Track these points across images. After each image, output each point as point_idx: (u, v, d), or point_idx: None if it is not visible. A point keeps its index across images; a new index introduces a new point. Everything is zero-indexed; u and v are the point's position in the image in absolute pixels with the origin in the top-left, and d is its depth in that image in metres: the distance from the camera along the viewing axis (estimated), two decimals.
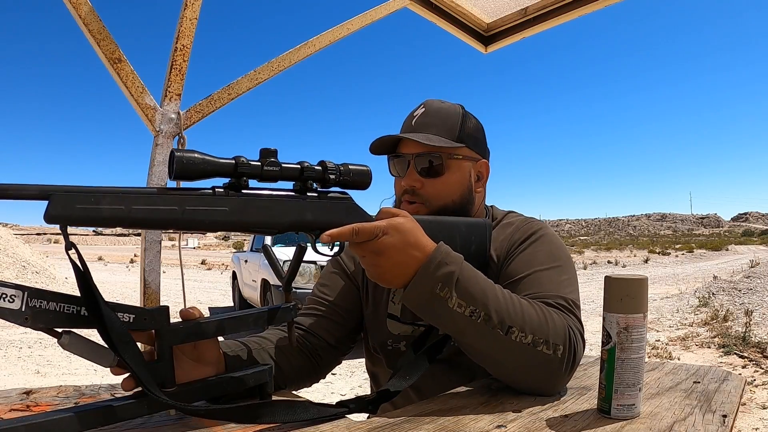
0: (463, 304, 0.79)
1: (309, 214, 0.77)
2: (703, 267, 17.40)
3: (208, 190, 0.70)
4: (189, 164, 0.66)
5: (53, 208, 0.58)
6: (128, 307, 0.68)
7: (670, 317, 7.51)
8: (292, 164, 0.76)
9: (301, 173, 0.76)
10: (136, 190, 0.64)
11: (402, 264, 0.79)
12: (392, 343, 1.07)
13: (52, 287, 9.54)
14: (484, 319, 0.79)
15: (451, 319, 0.80)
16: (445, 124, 1.04)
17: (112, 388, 0.95)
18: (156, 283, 1.84)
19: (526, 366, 0.81)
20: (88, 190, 0.61)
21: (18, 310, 0.58)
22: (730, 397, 0.84)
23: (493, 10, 2.54)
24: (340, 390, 4.33)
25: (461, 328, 0.80)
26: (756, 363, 4.69)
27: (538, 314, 0.82)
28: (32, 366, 5.01)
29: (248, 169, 0.71)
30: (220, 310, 8.98)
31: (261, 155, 0.73)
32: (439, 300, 0.79)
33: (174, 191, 0.67)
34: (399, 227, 0.79)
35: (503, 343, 0.79)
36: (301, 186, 0.77)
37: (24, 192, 0.58)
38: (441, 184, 1.02)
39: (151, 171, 1.79)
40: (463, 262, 0.82)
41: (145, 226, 0.66)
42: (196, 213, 0.67)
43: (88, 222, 0.61)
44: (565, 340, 0.81)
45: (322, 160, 0.79)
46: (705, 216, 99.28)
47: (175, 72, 1.80)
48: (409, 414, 0.77)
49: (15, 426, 0.58)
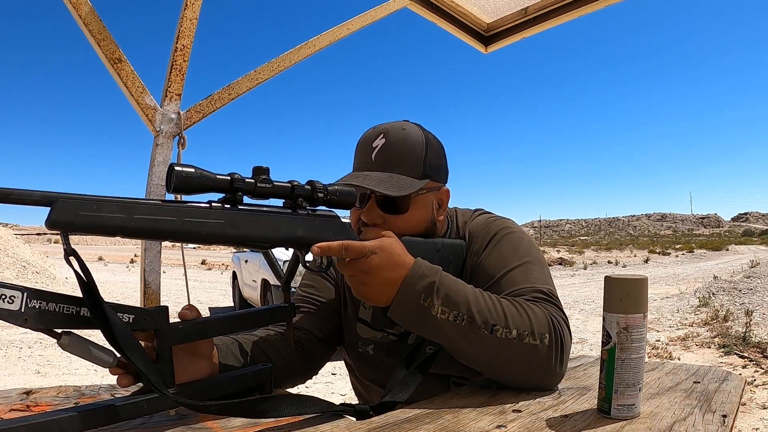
0: (446, 310, 0.82)
1: (300, 230, 0.80)
2: (703, 267, 17.41)
3: (204, 204, 0.72)
4: (187, 178, 0.68)
5: (55, 214, 0.59)
6: (128, 307, 0.68)
7: (670, 317, 7.51)
8: (283, 183, 0.79)
9: (292, 191, 0.79)
10: (136, 200, 0.66)
11: (388, 282, 0.82)
12: (361, 345, 1.09)
13: (53, 287, 9.54)
14: (468, 322, 0.81)
15: (437, 326, 0.83)
16: (409, 159, 0.97)
17: (112, 388, 0.95)
18: (156, 283, 1.84)
19: (516, 361, 0.83)
20: (91, 198, 0.62)
21: (17, 311, 0.58)
22: (730, 397, 0.84)
23: (493, 10, 2.54)
24: (340, 390, 4.33)
25: (448, 333, 0.83)
26: (756, 363, 4.69)
27: (518, 309, 0.84)
28: (32, 366, 5.01)
29: (242, 185, 0.74)
30: (220, 309, 8.98)
31: (254, 173, 0.76)
32: (423, 309, 0.82)
33: (173, 203, 0.69)
34: (387, 248, 0.82)
35: (490, 342, 0.81)
36: (292, 203, 0.80)
37: (27, 198, 0.58)
38: (404, 221, 0.98)
39: (151, 171, 1.79)
40: (441, 272, 0.85)
41: (145, 236, 0.68)
42: (194, 225, 0.69)
43: (90, 230, 0.62)
44: (549, 328, 0.83)
45: (310, 180, 0.82)
46: (705, 216, 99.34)
47: (175, 72, 1.80)
48: (409, 414, 0.77)
49: (15, 426, 0.58)
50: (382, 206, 0.98)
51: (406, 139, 0.98)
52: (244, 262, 8.16)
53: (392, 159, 0.97)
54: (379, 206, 0.98)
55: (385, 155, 0.97)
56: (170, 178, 0.68)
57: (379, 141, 0.98)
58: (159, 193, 1.84)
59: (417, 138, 0.99)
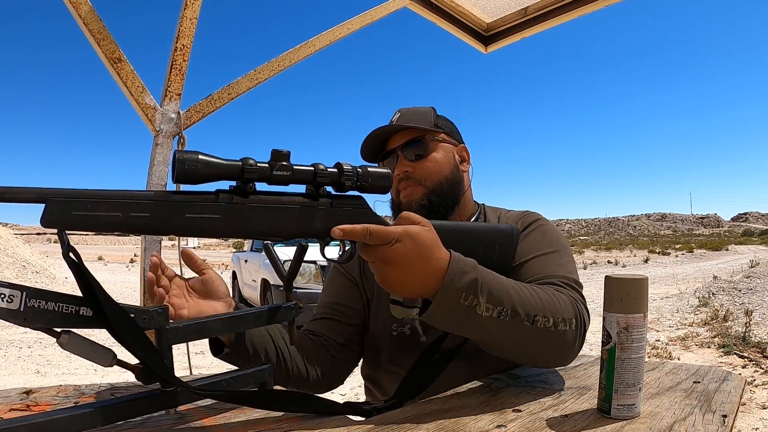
0: (491, 307, 0.78)
1: (318, 222, 0.73)
2: (703, 267, 17.40)
3: (211, 194, 0.67)
4: (191, 167, 0.63)
5: (49, 213, 0.58)
6: (128, 306, 0.68)
7: (670, 317, 7.51)
8: (305, 167, 0.71)
9: (315, 177, 0.72)
10: (133, 194, 0.62)
11: (413, 276, 0.75)
12: (397, 327, 1.09)
13: (52, 287, 9.54)
14: (511, 316, 0.79)
15: (481, 325, 0.78)
16: (422, 118, 1.14)
17: (112, 387, 0.95)
18: None
19: (551, 347, 0.84)
20: (86, 194, 0.60)
21: (17, 310, 0.58)
22: (730, 397, 0.84)
23: (493, 10, 2.54)
24: (340, 390, 4.34)
25: (491, 330, 0.79)
26: (756, 363, 4.69)
27: (550, 297, 0.85)
28: (32, 366, 5.01)
29: (255, 172, 0.67)
30: None
31: (272, 157, 0.69)
32: (466, 309, 0.77)
33: (175, 195, 0.65)
34: (414, 236, 0.74)
35: (531, 333, 0.81)
36: (313, 190, 0.73)
37: (20, 195, 0.57)
38: (430, 164, 1.11)
39: (151, 171, 1.79)
40: (478, 266, 0.80)
41: (144, 233, 0.64)
42: (196, 220, 0.65)
43: (85, 228, 0.60)
44: (575, 313, 0.86)
45: (338, 162, 0.74)
46: (705, 216, 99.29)
47: (175, 72, 1.80)
48: (409, 414, 0.77)
49: (15, 426, 0.58)
50: (408, 157, 1.12)
51: (418, 108, 1.17)
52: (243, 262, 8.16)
53: (406, 119, 1.14)
54: (406, 158, 1.12)
55: (401, 120, 1.14)
56: (174, 166, 0.63)
57: (396, 116, 1.16)
58: None
59: (426, 108, 1.18)
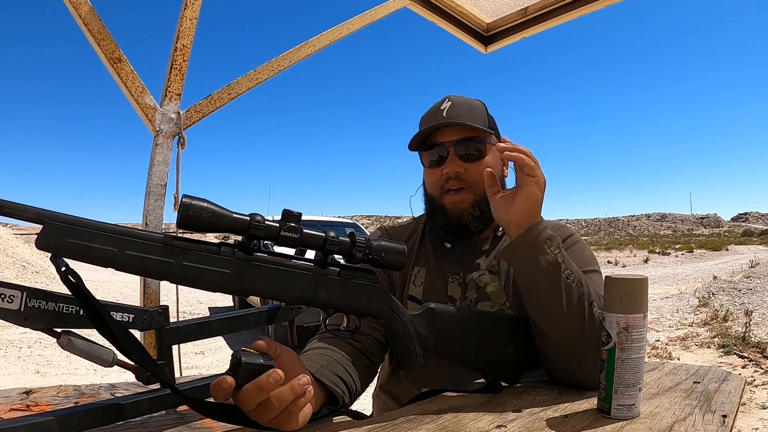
0: (564, 267, 0.83)
1: (323, 292, 0.70)
2: (702, 267, 17.40)
3: (214, 245, 0.64)
4: (195, 216, 0.61)
5: (44, 236, 0.56)
6: (128, 306, 0.68)
7: (670, 317, 7.51)
8: (316, 233, 0.69)
9: (325, 243, 0.69)
10: (134, 232, 0.60)
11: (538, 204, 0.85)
12: None
13: (52, 287, 9.52)
14: (577, 284, 0.83)
15: (552, 270, 0.82)
16: (476, 113, 1.07)
17: (112, 387, 0.95)
18: (156, 283, 1.84)
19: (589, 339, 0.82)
20: (84, 224, 0.57)
21: (17, 311, 0.58)
22: (730, 397, 0.84)
23: (493, 10, 2.54)
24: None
25: (555, 284, 0.82)
26: (756, 363, 4.69)
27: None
28: (32, 366, 5.01)
29: (262, 230, 0.64)
30: (220, 310, 8.98)
31: (282, 217, 0.67)
32: (545, 252, 0.82)
33: (176, 241, 0.62)
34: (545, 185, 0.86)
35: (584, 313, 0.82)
36: (322, 257, 0.70)
37: (20, 213, 0.56)
38: (482, 168, 1.02)
39: (150, 171, 1.79)
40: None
41: (136, 273, 0.61)
42: (194, 270, 0.62)
43: (77, 257, 0.58)
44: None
45: (351, 232, 0.73)
46: (705, 216, 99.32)
47: (175, 72, 1.80)
48: (409, 414, 0.76)
49: (15, 426, 0.58)
50: (461, 156, 1.05)
51: (469, 100, 1.09)
52: None
53: (462, 113, 1.05)
54: (458, 157, 1.05)
55: (455, 111, 1.06)
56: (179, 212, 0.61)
57: (446, 104, 1.07)
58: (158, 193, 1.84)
59: (479, 101, 1.11)
